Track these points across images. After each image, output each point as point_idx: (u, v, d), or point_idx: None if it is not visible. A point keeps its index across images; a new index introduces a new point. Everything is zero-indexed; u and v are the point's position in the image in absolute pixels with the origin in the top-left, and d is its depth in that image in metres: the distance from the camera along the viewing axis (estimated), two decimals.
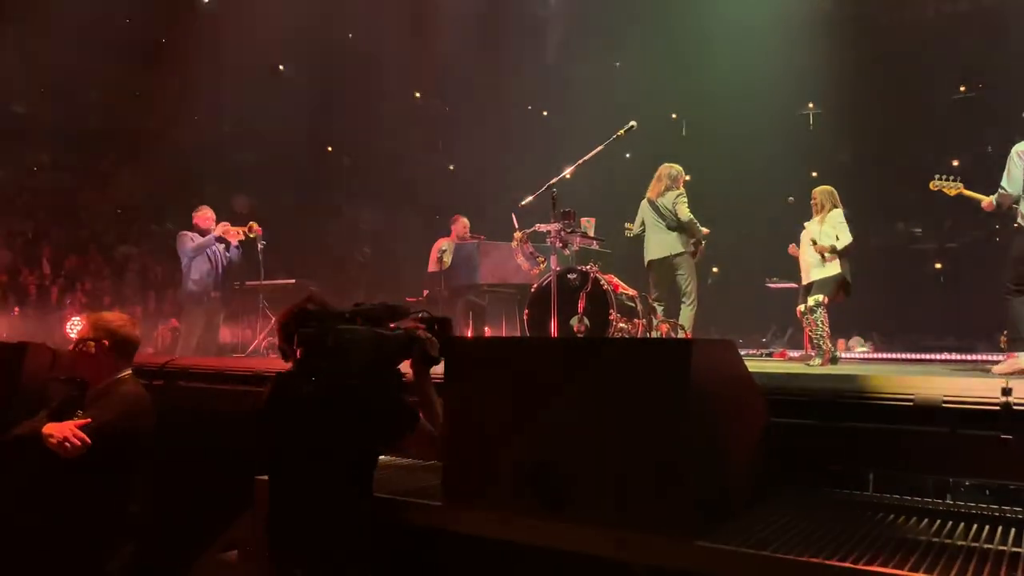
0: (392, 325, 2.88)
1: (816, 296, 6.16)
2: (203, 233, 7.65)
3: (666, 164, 7.03)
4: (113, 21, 13.48)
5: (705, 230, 6.96)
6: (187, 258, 7.57)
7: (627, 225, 7.15)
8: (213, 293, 7.62)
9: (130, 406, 3.68)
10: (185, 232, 7.70)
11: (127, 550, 3.65)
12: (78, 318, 10.10)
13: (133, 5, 13.56)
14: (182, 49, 14.19)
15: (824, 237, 6.27)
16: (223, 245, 7.74)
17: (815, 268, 6.31)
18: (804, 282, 6.46)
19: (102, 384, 3.71)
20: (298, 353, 2.69)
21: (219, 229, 7.64)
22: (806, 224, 6.61)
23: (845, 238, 6.22)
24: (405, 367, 2.90)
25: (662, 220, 6.82)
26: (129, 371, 3.83)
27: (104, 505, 3.57)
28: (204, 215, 7.76)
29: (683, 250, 6.80)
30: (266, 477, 2.91)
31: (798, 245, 6.69)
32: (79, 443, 3.39)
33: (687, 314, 6.77)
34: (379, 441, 2.81)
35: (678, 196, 6.80)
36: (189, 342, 7.43)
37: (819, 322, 6.12)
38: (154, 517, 3.81)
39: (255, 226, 7.79)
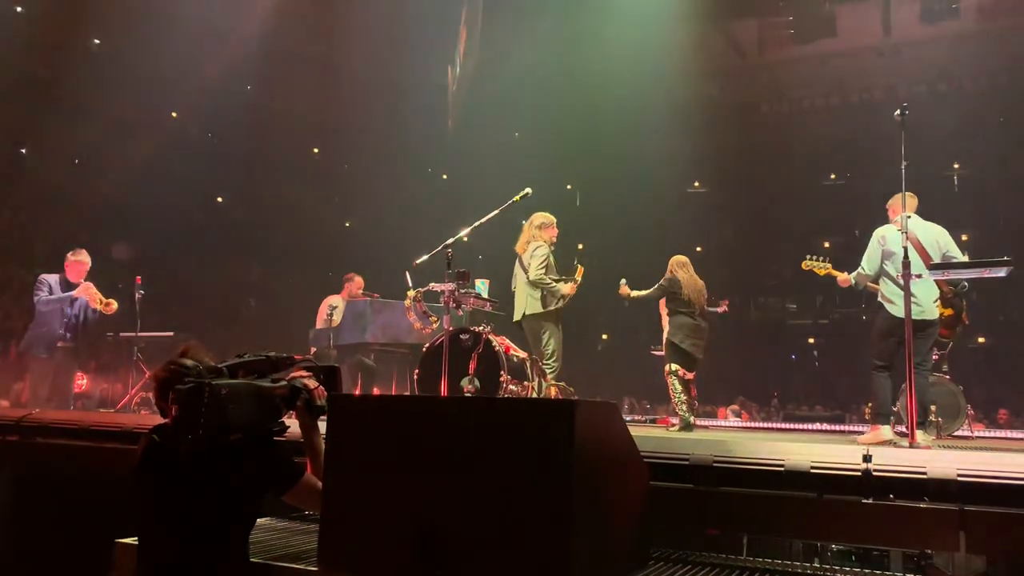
0: (276, 377, 2.78)
1: (668, 364, 6.54)
2: (71, 284, 6.97)
3: (537, 213, 6.64)
4: None
5: (567, 288, 6.32)
6: (39, 307, 6.90)
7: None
8: (62, 344, 6.92)
9: None
10: (45, 278, 7.02)
11: None
12: None
13: (15, 40, 12.92)
14: (67, 89, 13.64)
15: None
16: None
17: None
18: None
19: None
20: (173, 411, 2.56)
21: (81, 290, 6.95)
22: None
23: (650, 293, 6.74)
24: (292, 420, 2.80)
25: (524, 275, 6.43)
26: None
27: None
28: (77, 264, 7.08)
29: (541, 309, 6.28)
30: (131, 540, 2.73)
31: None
32: None
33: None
34: (259, 498, 2.70)
35: (536, 249, 6.35)
36: (39, 394, 6.82)
37: (673, 387, 6.48)
38: None
39: (114, 304, 7.09)
